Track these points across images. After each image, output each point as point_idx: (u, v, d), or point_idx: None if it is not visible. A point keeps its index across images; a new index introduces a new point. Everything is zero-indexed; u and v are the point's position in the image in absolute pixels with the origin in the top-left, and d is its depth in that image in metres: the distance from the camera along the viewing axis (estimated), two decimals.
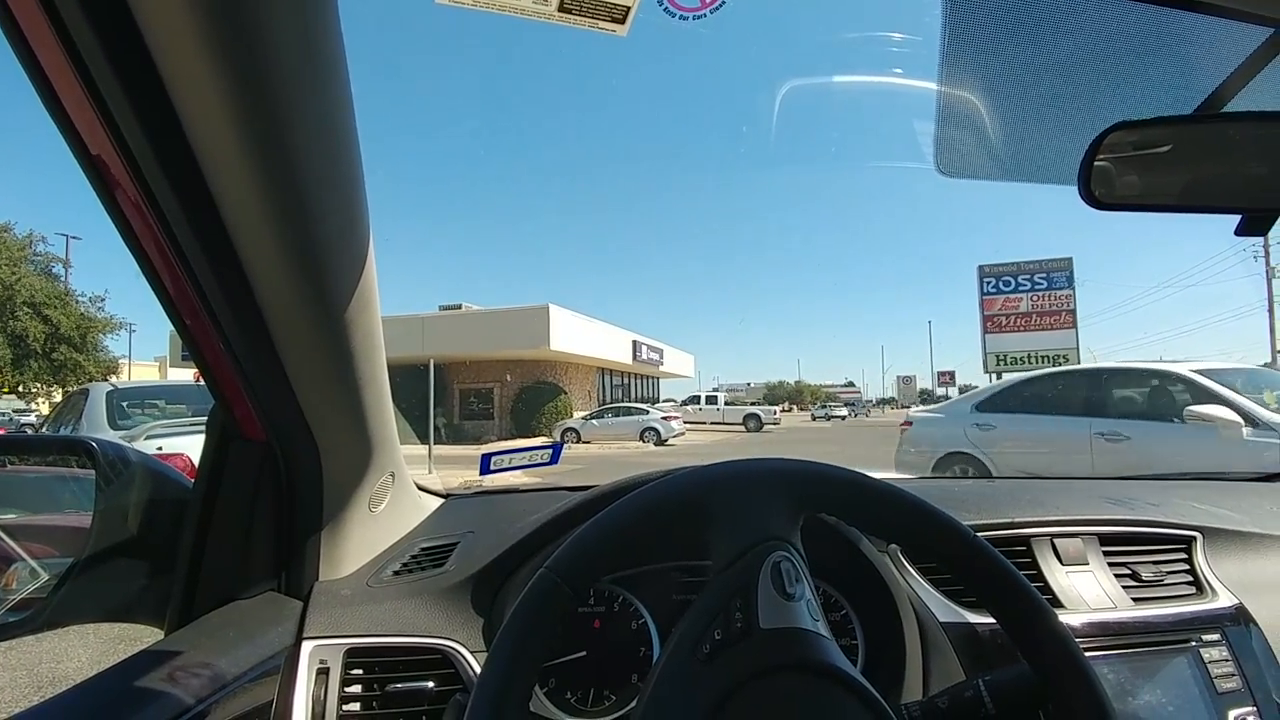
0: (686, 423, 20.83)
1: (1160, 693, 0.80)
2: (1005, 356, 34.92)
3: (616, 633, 0.85)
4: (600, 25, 0.67)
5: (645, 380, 30.62)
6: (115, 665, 0.64)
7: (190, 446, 3.44)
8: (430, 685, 0.77)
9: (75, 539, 0.84)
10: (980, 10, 0.72)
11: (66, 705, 0.58)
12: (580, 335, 20.53)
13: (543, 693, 0.81)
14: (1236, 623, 0.87)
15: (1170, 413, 4.74)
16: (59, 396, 16.80)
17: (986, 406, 5.81)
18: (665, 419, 18.75)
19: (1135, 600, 0.90)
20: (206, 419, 0.81)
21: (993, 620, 0.54)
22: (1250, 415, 4.25)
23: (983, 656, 0.80)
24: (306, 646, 0.77)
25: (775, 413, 26.84)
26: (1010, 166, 0.94)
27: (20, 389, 18.89)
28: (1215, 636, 0.85)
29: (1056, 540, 0.95)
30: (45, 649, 2.75)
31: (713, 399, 27.83)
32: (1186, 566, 0.96)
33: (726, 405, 27.51)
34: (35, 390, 19.07)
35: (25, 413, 19.57)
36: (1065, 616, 0.83)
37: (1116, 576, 0.93)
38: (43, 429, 9.49)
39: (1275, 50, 0.67)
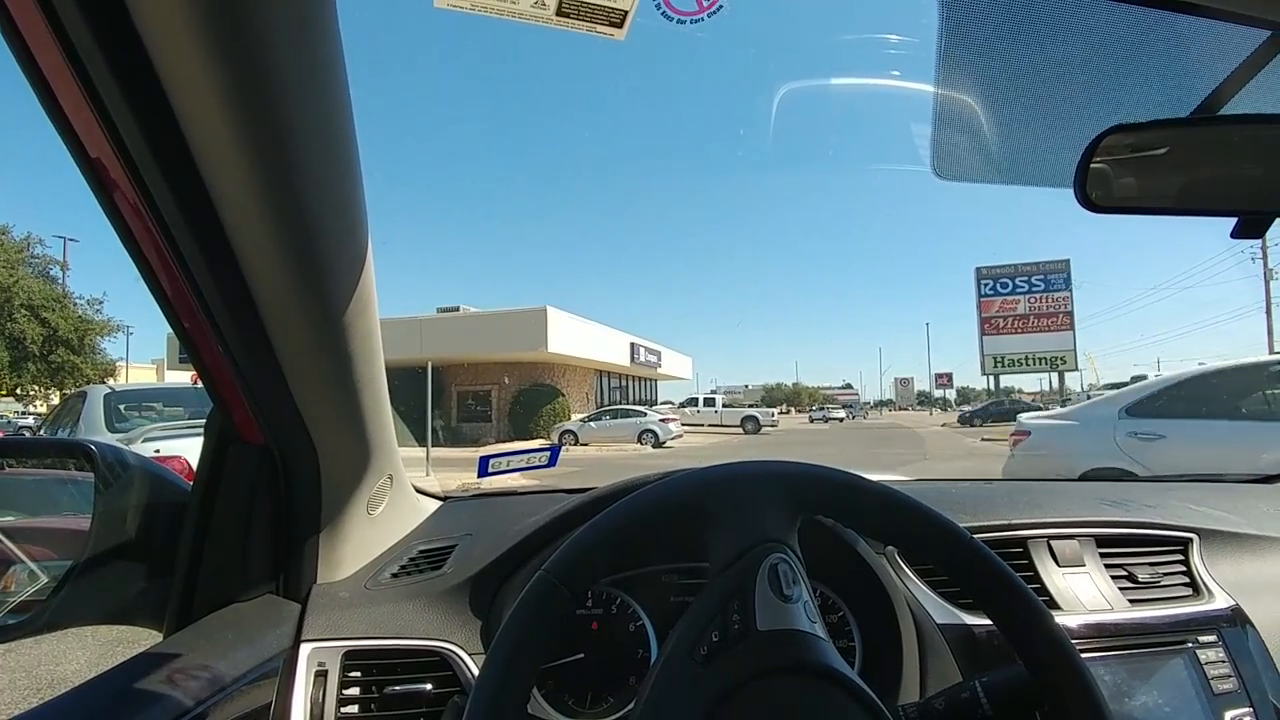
0: (684, 425, 20.83)
1: (1157, 694, 0.81)
2: (1003, 358, 35.00)
3: (614, 635, 0.85)
4: (598, 29, 0.67)
5: (643, 382, 30.62)
6: (114, 668, 0.64)
7: (188, 449, 3.44)
8: (428, 687, 0.77)
9: (74, 541, 0.84)
10: (977, 13, 0.72)
11: (65, 708, 0.58)
12: (578, 337, 20.52)
13: (541, 695, 0.81)
14: (1233, 624, 0.87)
15: None
16: (56, 399, 16.79)
17: (1143, 411, 4.50)
18: (663, 421, 18.75)
19: (1132, 602, 0.90)
20: (204, 422, 0.81)
21: (989, 622, 0.54)
22: None
23: (979, 658, 0.81)
24: (305, 649, 0.77)
25: (773, 415, 26.88)
26: (1007, 170, 0.94)
27: (18, 392, 18.88)
28: (1211, 638, 0.85)
29: (1053, 542, 0.95)
30: (44, 652, 2.75)
31: (710, 401, 27.83)
32: (1183, 568, 0.96)
33: (724, 407, 27.50)
34: (33, 393, 19.07)
35: (23, 415, 19.54)
36: (1062, 618, 0.83)
37: (1113, 578, 0.93)
38: (40, 432, 9.46)
39: (1272, 53, 0.67)
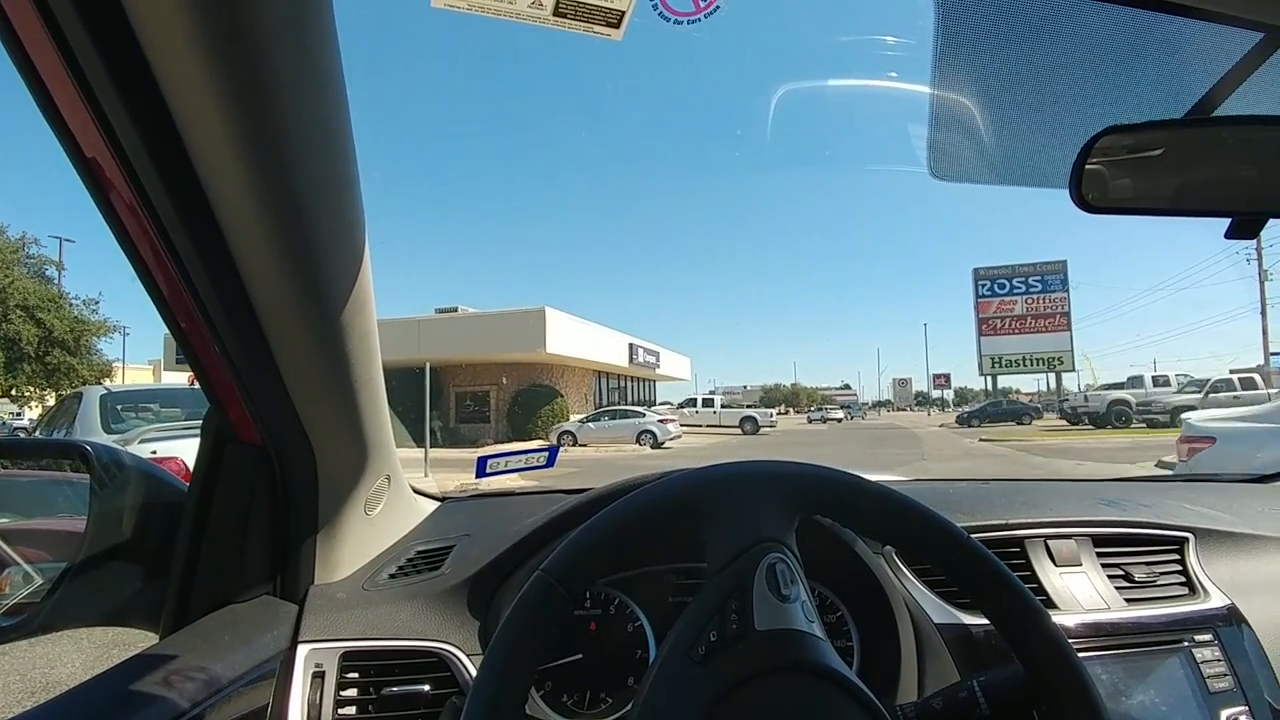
0: (683, 425, 20.82)
1: (1153, 693, 0.81)
2: (1000, 359, 35.11)
3: (612, 635, 0.85)
4: (595, 29, 0.67)
5: (642, 383, 30.61)
6: (110, 670, 0.64)
7: (185, 450, 3.42)
8: (426, 688, 0.77)
9: (69, 543, 0.83)
10: (973, 15, 0.72)
11: (60, 711, 0.58)
12: (576, 338, 20.51)
13: (539, 695, 0.81)
14: (1229, 623, 0.88)
15: None
16: (52, 400, 16.72)
17: None
18: (662, 422, 18.76)
19: (1128, 601, 0.90)
20: (201, 422, 0.80)
21: (987, 621, 0.55)
22: None
23: (977, 657, 0.81)
24: (302, 650, 0.77)
25: (771, 415, 26.89)
26: (1003, 170, 0.95)
27: (13, 393, 18.80)
28: (1208, 637, 0.85)
29: (1050, 541, 0.95)
30: (39, 654, 2.74)
31: (709, 402, 27.83)
32: (1179, 567, 0.96)
33: (723, 408, 27.48)
34: (28, 394, 18.98)
35: (17, 417, 19.47)
36: (1059, 617, 0.83)
37: (1109, 577, 0.93)
38: (36, 433, 9.43)
39: (1266, 54, 0.67)
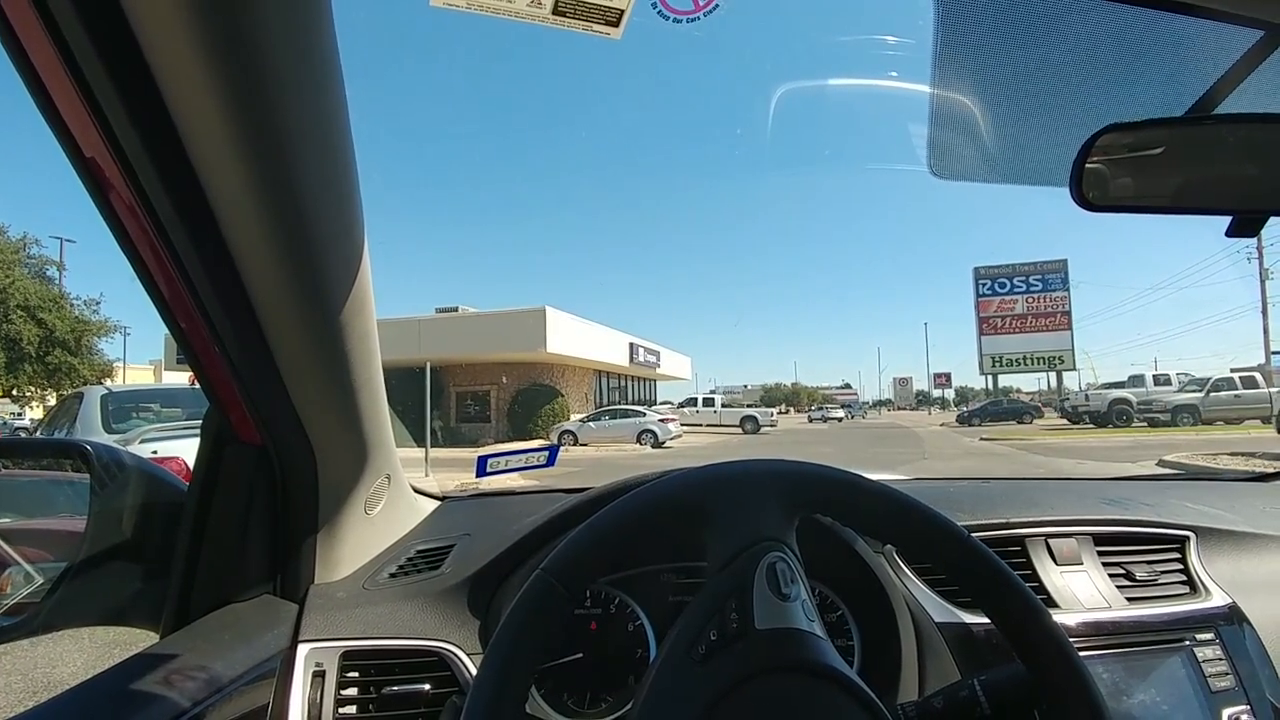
0: (683, 425, 20.82)
1: (1154, 692, 0.81)
2: (1001, 358, 35.12)
3: (613, 635, 0.85)
4: (593, 28, 0.67)
5: (642, 382, 30.61)
6: (110, 669, 0.64)
7: (185, 450, 3.43)
8: (426, 688, 0.77)
9: (70, 543, 0.83)
10: (972, 13, 0.72)
11: (61, 709, 0.58)
12: (577, 337, 20.50)
13: (539, 695, 0.81)
14: (1230, 622, 0.87)
15: None
16: (53, 400, 16.73)
17: None
18: (662, 421, 18.74)
19: (1129, 600, 0.90)
20: (202, 422, 0.80)
21: (988, 620, 0.54)
22: None
23: (978, 656, 0.81)
24: (302, 649, 0.77)
25: (772, 415, 26.86)
26: (1003, 169, 0.95)
27: (14, 393, 18.81)
28: (1209, 636, 0.85)
29: (1051, 540, 0.95)
30: (40, 654, 2.74)
31: (710, 401, 27.78)
32: (1180, 566, 0.96)
33: (723, 407, 27.46)
34: (29, 394, 19.00)
35: (18, 417, 19.49)
36: (1060, 616, 0.83)
37: (1111, 576, 0.93)
38: (37, 433, 9.44)
39: (1266, 52, 0.67)
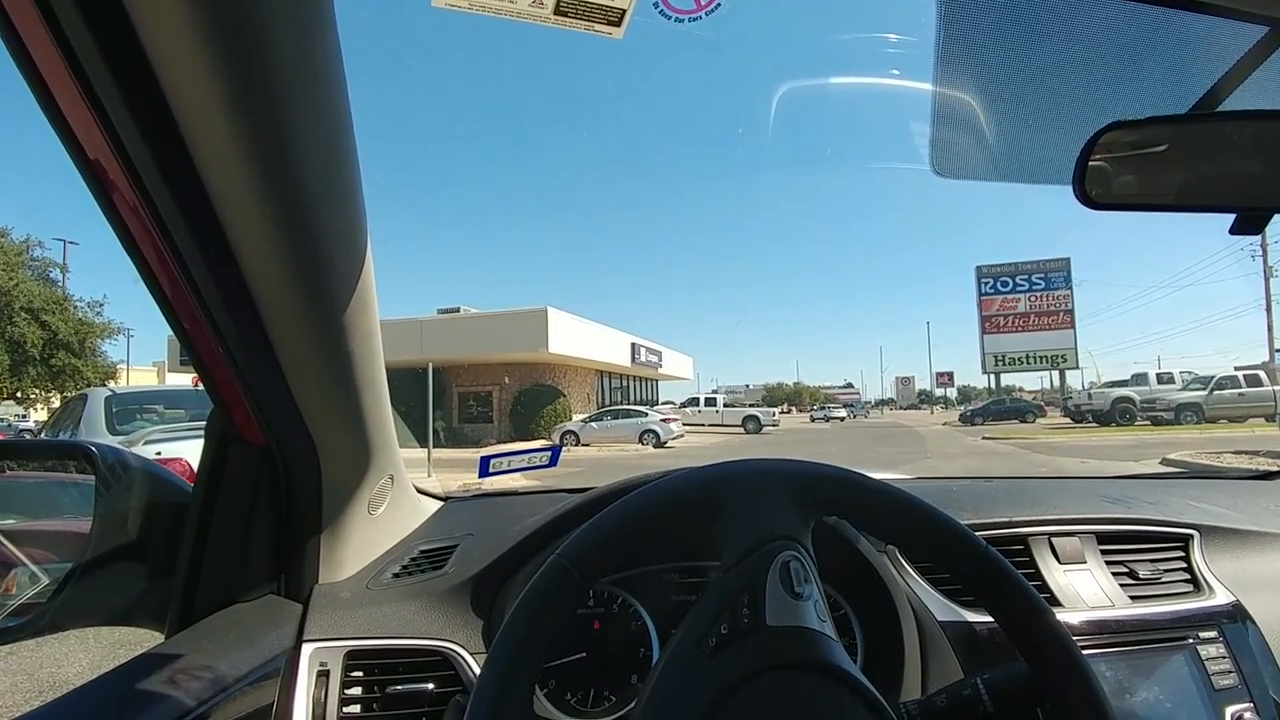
0: (685, 425, 20.83)
1: (1158, 690, 0.81)
2: (1004, 357, 35.06)
3: (616, 634, 0.85)
4: (595, 28, 0.67)
5: (644, 383, 30.61)
6: (116, 669, 0.64)
7: (189, 451, 3.44)
8: (430, 687, 0.77)
9: (75, 544, 0.84)
10: (975, 10, 0.72)
11: (67, 709, 0.58)
12: (579, 338, 20.51)
13: (543, 694, 0.81)
14: (1233, 620, 0.87)
15: None
16: (57, 402, 16.77)
17: None
18: (664, 421, 18.74)
19: (1133, 598, 0.90)
20: (205, 423, 0.81)
21: (991, 619, 0.54)
22: None
23: (981, 655, 0.81)
24: (306, 649, 0.77)
25: (774, 414, 26.84)
26: (1006, 167, 0.94)
27: (18, 395, 18.88)
28: (1212, 634, 0.85)
29: (1054, 539, 0.95)
30: (45, 654, 2.75)
31: (711, 401, 27.78)
32: (1184, 564, 0.96)
33: (725, 407, 27.43)
34: (34, 396, 19.06)
35: (23, 419, 19.55)
36: (1063, 615, 0.83)
37: (1114, 575, 0.93)
38: (41, 434, 9.47)
39: (1270, 49, 0.67)
